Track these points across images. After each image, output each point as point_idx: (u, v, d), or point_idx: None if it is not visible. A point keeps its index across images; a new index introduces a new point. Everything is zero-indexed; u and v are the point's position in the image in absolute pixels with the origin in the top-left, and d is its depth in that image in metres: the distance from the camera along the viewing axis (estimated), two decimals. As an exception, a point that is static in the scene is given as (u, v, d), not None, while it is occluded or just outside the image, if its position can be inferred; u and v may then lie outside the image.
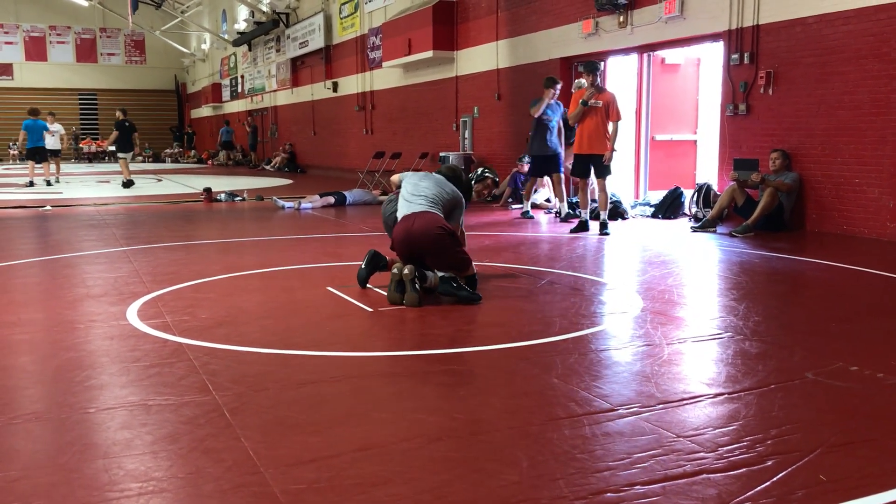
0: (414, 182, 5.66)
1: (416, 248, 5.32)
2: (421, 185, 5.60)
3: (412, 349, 4.16)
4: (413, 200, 5.50)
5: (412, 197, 5.53)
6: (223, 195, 13.92)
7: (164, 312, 4.97)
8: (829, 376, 3.59)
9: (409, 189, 5.60)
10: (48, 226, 10.33)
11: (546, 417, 3.09)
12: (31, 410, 3.26)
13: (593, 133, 8.69)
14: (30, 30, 36.85)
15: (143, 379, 3.62)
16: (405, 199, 5.55)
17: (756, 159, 9.08)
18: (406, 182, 5.71)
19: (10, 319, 4.84)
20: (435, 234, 5.28)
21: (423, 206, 5.44)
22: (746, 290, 5.73)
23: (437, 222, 5.35)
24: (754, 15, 9.27)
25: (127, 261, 7.11)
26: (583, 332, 4.46)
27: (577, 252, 7.64)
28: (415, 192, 5.56)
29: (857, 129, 8.22)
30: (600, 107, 8.63)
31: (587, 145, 8.73)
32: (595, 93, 8.66)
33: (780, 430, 2.93)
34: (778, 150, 8.92)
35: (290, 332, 4.53)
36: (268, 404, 3.26)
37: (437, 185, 5.63)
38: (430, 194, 5.53)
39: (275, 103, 28.05)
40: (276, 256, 7.38)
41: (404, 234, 5.35)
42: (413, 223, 5.34)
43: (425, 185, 5.60)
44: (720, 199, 9.19)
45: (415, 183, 5.64)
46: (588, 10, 11.73)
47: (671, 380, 3.58)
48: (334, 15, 21.87)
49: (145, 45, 39.09)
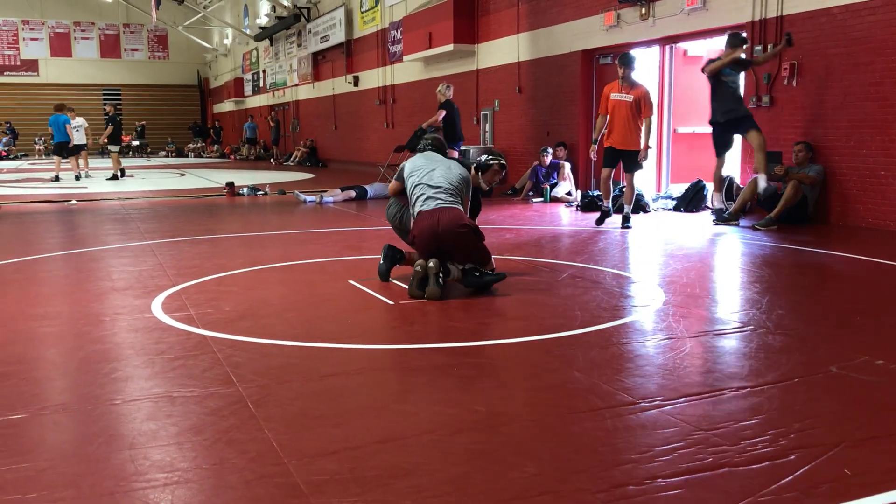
0: (426, 171, 5.59)
1: (444, 245, 5.32)
2: (435, 175, 5.55)
3: (433, 342, 4.17)
4: (434, 196, 5.47)
5: (431, 190, 5.49)
6: (245, 189, 14.01)
7: (187, 305, 5.02)
8: (853, 370, 3.56)
9: (424, 179, 5.54)
10: (74, 220, 10.46)
11: (567, 410, 3.09)
12: (58, 402, 3.31)
13: (625, 127, 8.46)
14: (55, 26, 37.26)
15: (167, 371, 3.66)
16: (425, 194, 5.49)
17: (780, 152, 8.99)
18: (415, 171, 5.62)
19: (38, 312, 4.91)
20: (462, 232, 5.28)
21: (445, 201, 5.44)
22: (769, 283, 5.68)
23: (461, 219, 5.35)
24: (778, 6, 9.16)
25: (151, 254, 7.18)
26: (604, 326, 4.45)
27: (599, 245, 7.62)
28: (430, 182, 5.51)
29: (884, 121, 8.11)
30: (630, 101, 8.42)
31: (619, 140, 8.53)
32: (626, 86, 8.45)
33: (804, 424, 2.91)
34: (801, 142, 8.82)
35: (313, 325, 4.56)
36: (291, 396, 3.29)
37: (448, 171, 5.60)
38: (446, 185, 5.50)
39: (296, 98, 28.15)
40: (297, 250, 7.42)
41: (430, 232, 5.31)
42: (438, 221, 5.32)
43: (439, 175, 5.55)
44: (743, 192, 9.10)
45: (427, 172, 5.58)
46: (610, 2, 11.65)
47: (693, 373, 3.56)
48: (355, 9, 21.90)
49: (168, 40, 39.38)
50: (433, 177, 5.54)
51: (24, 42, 36.97)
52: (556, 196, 11.99)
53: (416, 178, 5.58)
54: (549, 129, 13.52)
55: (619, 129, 8.47)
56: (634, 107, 8.41)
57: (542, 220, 9.81)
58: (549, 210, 11.01)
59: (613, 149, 8.62)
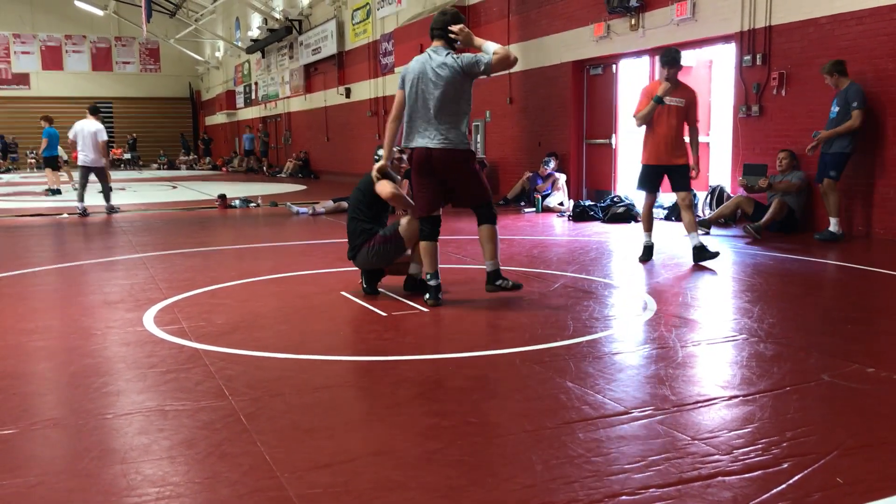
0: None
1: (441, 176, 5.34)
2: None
3: (426, 353, 4.17)
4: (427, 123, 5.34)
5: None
6: (238, 201, 13.99)
7: (180, 318, 5.01)
8: (845, 378, 3.57)
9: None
10: (65, 233, 10.43)
11: (560, 421, 3.09)
12: (49, 416, 3.30)
13: (671, 138, 6.85)
14: (46, 39, 37.24)
15: (159, 384, 3.65)
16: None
17: (765, 164, 9.02)
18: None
19: (29, 326, 4.89)
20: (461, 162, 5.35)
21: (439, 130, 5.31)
22: (760, 291, 5.70)
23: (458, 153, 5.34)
24: (766, 16, 9.24)
25: (143, 267, 7.17)
26: (596, 336, 4.46)
27: (590, 256, 7.64)
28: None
29: (872, 129, 8.16)
30: (682, 106, 6.86)
31: (665, 153, 6.88)
32: (672, 88, 6.85)
33: (796, 433, 2.92)
34: (785, 150, 8.88)
35: (305, 337, 4.55)
36: (283, 409, 3.29)
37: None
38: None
39: (288, 110, 28.18)
40: (290, 262, 7.42)
41: (426, 161, 5.30)
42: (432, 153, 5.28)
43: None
44: (724, 206, 9.25)
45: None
46: (599, 14, 11.72)
47: (685, 382, 3.57)
48: (347, 21, 21.96)
49: (160, 53, 39.40)
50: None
51: (15, 56, 36.93)
52: (548, 206, 12.02)
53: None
54: (541, 140, 13.58)
55: (667, 140, 6.85)
56: (684, 113, 6.91)
57: (535, 231, 9.83)
58: (541, 220, 11.03)
59: (657, 167, 6.97)
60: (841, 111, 8.03)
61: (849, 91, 8.01)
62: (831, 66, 8.09)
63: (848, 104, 7.97)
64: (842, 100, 8.06)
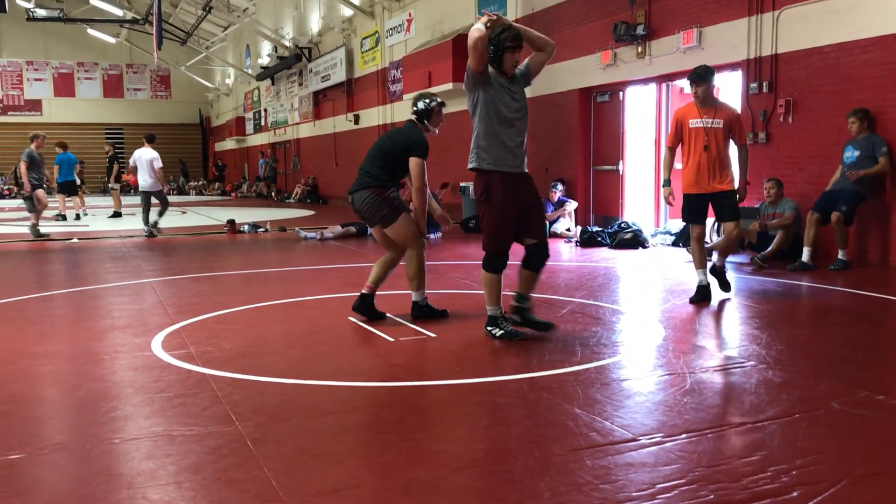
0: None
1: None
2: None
3: (434, 379, 4.17)
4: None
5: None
6: (246, 226, 14.06)
7: (187, 343, 5.02)
8: (855, 405, 3.55)
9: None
10: (75, 258, 10.48)
11: (568, 448, 3.08)
12: (56, 441, 3.30)
13: (711, 163, 6.28)
14: (58, 66, 37.69)
15: (167, 409, 3.65)
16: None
17: (756, 207, 8.97)
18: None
19: (38, 350, 4.91)
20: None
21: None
22: (768, 318, 5.68)
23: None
24: (772, 44, 9.30)
25: (152, 292, 7.19)
26: (604, 362, 4.45)
27: (598, 281, 7.63)
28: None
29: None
30: (720, 127, 6.32)
31: (704, 180, 6.31)
32: (709, 108, 6.34)
33: (806, 461, 2.90)
34: (772, 178, 8.85)
35: (313, 363, 4.55)
36: (290, 434, 3.28)
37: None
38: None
39: (297, 136, 28.37)
40: (298, 287, 7.43)
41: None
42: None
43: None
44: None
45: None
46: (606, 42, 11.81)
47: (694, 409, 3.55)
48: (356, 49, 22.17)
49: (171, 80, 39.79)
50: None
51: (28, 82, 37.36)
52: (555, 232, 12.03)
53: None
54: (548, 166, 13.62)
55: (708, 166, 6.29)
56: (725, 134, 6.35)
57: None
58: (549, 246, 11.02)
59: (698, 196, 6.40)
60: (862, 157, 8.05)
61: (874, 139, 8.04)
62: (864, 113, 8.12)
63: (872, 150, 8.00)
64: (862, 146, 8.07)
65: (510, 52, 4.86)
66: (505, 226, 4.99)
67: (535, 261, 5.11)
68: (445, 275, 8.11)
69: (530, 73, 5.09)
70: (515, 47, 4.86)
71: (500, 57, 4.87)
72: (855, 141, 8.14)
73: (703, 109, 6.37)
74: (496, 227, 5.00)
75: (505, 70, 4.91)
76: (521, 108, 5.01)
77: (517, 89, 5.02)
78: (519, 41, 4.87)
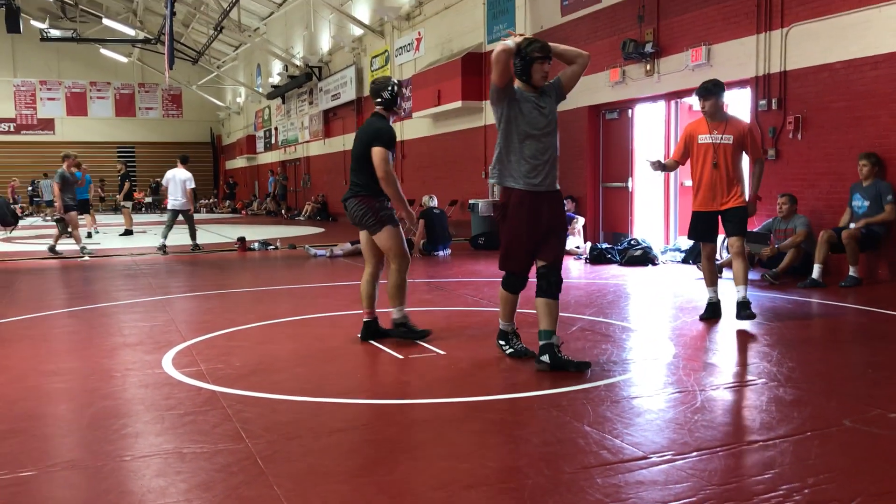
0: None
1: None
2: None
3: (443, 396, 4.16)
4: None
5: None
6: (256, 244, 14.11)
7: (198, 361, 5.04)
8: (867, 424, 3.53)
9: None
10: (86, 276, 10.54)
11: (578, 465, 3.07)
12: (68, 458, 3.31)
13: (719, 179, 6.12)
14: (71, 86, 38.10)
15: (177, 427, 3.66)
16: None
17: (767, 233, 8.95)
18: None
19: (49, 368, 4.93)
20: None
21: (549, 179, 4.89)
22: (779, 335, 5.66)
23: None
24: (781, 61, 9.31)
25: (162, 310, 7.22)
26: (615, 379, 4.43)
27: (608, 299, 7.62)
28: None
29: (891, 173, 8.15)
30: (730, 143, 6.13)
31: (712, 197, 6.16)
32: (718, 123, 6.18)
33: (818, 479, 2.88)
34: (785, 194, 8.84)
35: (322, 380, 4.56)
36: (300, 452, 3.29)
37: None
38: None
39: (307, 154, 28.53)
40: (308, 304, 7.45)
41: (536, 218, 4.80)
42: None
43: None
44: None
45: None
46: (615, 59, 11.86)
47: (705, 427, 3.54)
48: (365, 68, 22.32)
49: (182, 99, 40.14)
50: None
51: (41, 102, 37.77)
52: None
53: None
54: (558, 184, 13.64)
55: (718, 182, 6.13)
56: (736, 149, 6.17)
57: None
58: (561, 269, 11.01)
59: (706, 213, 6.24)
60: (872, 205, 8.07)
61: (880, 186, 8.07)
62: (875, 158, 8.13)
63: (880, 198, 8.03)
64: (870, 194, 8.10)
65: (538, 63, 4.70)
66: (519, 245, 4.79)
67: (546, 283, 4.76)
68: (454, 292, 8.11)
69: (562, 86, 4.94)
70: (544, 58, 4.71)
71: (529, 69, 4.71)
72: (862, 188, 8.20)
73: (712, 125, 6.20)
74: (509, 245, 4.84)
75: (534, 82, 4.75)
76: (548, 123, 4.80)
77: (546, 103, 4.82)
78: (547, 52, 4.73)
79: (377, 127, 5.46)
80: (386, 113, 5.58)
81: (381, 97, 5.55)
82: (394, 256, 5.49)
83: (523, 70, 4.73)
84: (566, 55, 4.96)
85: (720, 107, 6.24)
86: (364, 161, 5.41)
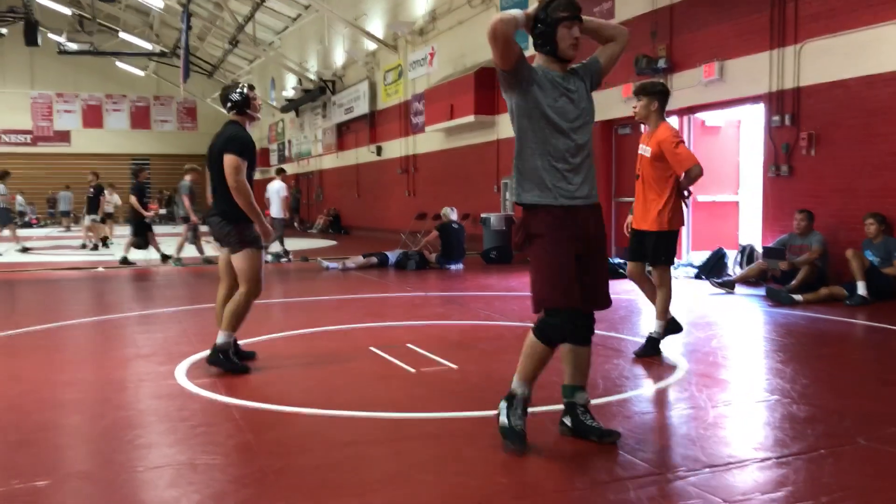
0: None
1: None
2: None
3: (455, 411, 4.16)
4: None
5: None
6: (269, 256, 14.17)
7: (211, 372, 5.06)
8: (882, 441, 3.50)
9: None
10: (100, 287, 10.61)
11: (590, 481, 3.06)
12: (81, 469, 3.33)
13: (642, 195, 5.56)
14: (87, 98, 38.49)
15: (190, 438, 3.68)
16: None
17: (783, 249, 8.92)
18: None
19: (63, 378, 4.96)
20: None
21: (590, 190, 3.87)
22: (793, 351, 5.63)
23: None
24: (794, 77, 9.30)
25: (176, 321, 7.26)
26: (626, 395, 4.42)
27: (620, 313, 7.60)
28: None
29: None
30: (648, 156, 5.44)
31: (639, 215, 5.62)
32: (647, 132, 5.52)
33: (832, 497, 2.86)
34: (803, 210, 8.81)
35: (334, 393, 4.57)
36: (311, 465, 3.29)
37: None
38: None
39: (320, 167, 28.68)
40: (320, 317, 7.47)
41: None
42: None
43: None
44: (749, 268, 9.19)
45: None
46: (628, 75, 11.88)
47: (717, 443, 3.52)
48: (379, 82, 22.45)
49: (197, 111, 40.46)
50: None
51: (57, 114, 38.17)
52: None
53: None
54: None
55: (640, 197, 5.58)
56: (655, 161, 5.40)
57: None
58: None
59: (635, 231, 5.67)
60: (883, 262, 8.10)
61: (888, 244, 8.15)
62: (881, 217, 8.19)
63: (890, 256, 8.10)
64: (880, 252, 8.16)
65: (565, 27, 3.48)
66: (560, 273, 3.45)
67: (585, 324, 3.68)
68: (466, 306, 8.11)
69: (601, 68, 3.83)
70: (572, 17, 3.48)
71: (553, 34, 3.49)
72: (873, 245, 8.26)
73: (644, 133, 5.55)
74: (547, 277, 3.48)
75: (560, 53, 3.53)
76: (580, 113, 3.68)
77: (577, 87, 3.68)
78: (575, 9, 3.49)
79: (229, 134, 5.13)
80: (240, 118, 5.31)
81: (230, 100, 5.29)
82: (246, 280, 5.20)
83: (546, 38, 3.51)
84: (603, 31, 3.80)
85: (652, 111, 5.41)
86: (222, 173, 5.02)
